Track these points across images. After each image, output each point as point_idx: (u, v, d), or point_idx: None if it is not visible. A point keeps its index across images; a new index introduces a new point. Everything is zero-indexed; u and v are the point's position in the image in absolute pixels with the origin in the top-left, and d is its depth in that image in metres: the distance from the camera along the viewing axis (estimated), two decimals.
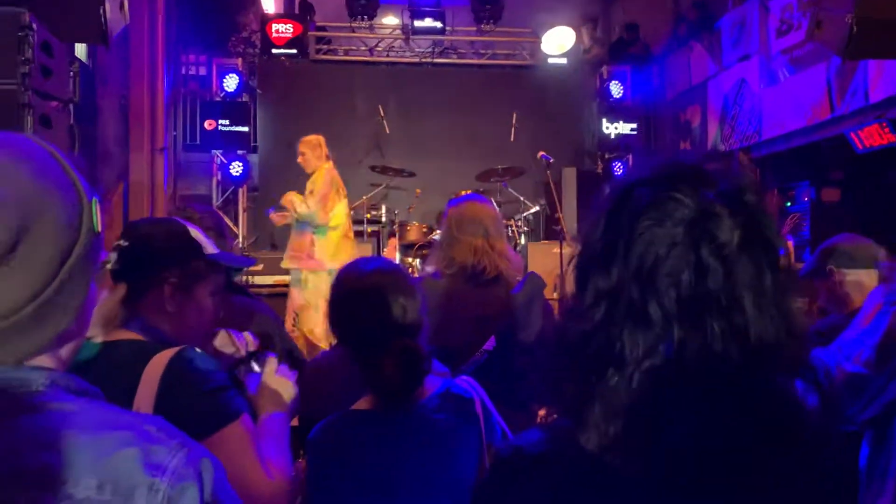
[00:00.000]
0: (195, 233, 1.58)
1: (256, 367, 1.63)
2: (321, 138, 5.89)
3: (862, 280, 2.50)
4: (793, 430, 0.77)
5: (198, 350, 1.44)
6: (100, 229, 0.82)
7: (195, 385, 1.36)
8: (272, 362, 1.63)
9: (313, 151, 5.79)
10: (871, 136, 5.76)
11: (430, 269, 2.67)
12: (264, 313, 2.23)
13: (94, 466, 0.73)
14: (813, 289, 2.74)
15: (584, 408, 0.78)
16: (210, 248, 1.59)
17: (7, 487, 0.71)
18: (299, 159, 5.94)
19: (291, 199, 5.62)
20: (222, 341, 1.74)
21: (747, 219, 0.76)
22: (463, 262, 2.52)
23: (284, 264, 5.73)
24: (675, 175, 0.80)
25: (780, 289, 0.77)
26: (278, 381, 1.61)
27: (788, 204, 7.52)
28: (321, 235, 5.66)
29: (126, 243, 1.49)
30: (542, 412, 2.15)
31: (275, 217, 5.79)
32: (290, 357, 2.19)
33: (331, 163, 5.87)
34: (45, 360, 0.79)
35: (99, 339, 1.42)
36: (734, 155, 7.70)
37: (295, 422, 2.06)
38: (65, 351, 0.83)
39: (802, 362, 0.80)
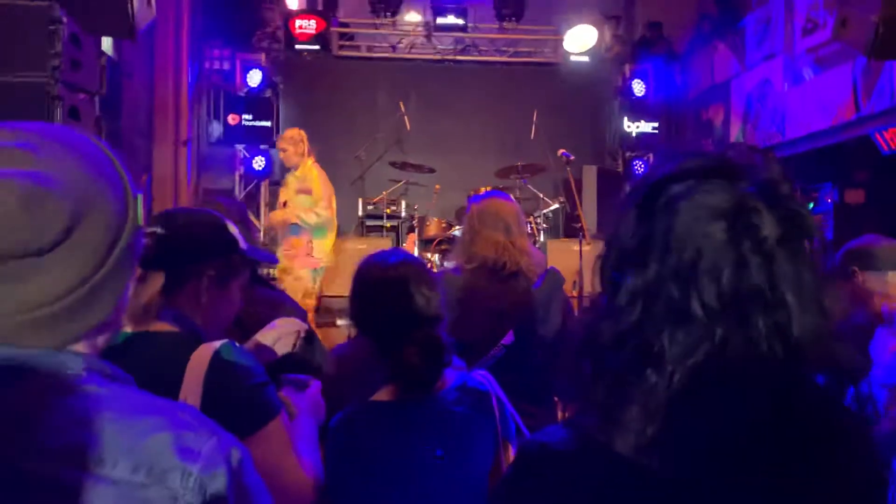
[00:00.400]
0: (231, 227, 1.59)
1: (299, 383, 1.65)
2: (303, 133, 5.72)
3: (887, 281, 2.49)
4: (833, 430, 0.75)
5: (237, 344, 1.44)
6: (142, 223, 0.85)
7: (241, 380, 1.36)
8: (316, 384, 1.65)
9: (295, 147, 5.58)
10: None
11: (450, 264, 2.68)
12: (289, 306, 2.23)
13: (130, 449, 0.75)
14: (836, 290, 2.73)
15: (619, 408, 0.76)
16: (242, 242, 1.60)
17: (51, 461, 0.73)
18: (280, 155, 5.77)
19: (299, 214, 5.45)
20: (282, 330, 1.74)
21: (786, 211, 0.74)
22: (484, 257, 2.53)
23: (281, 264, 5.49)
24: (705, 168, 0.78)
25: (818, 284, 0.75)
26: (316, 399, 1.64)
27: (811, 205, 7.45)
28: (320, 237, 5.59)
29: (164, 231, 1.47)
30: (566, 411, 2.16)
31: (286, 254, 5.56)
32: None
33: (313, 157, 5.69)
34: (82, 347, 0.82)
35: (131, 329, 1.41)
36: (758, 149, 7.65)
37: None
38: (101, 340, 0.85)
39: (842, 360, 0.78)
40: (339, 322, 6.18)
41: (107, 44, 6.21)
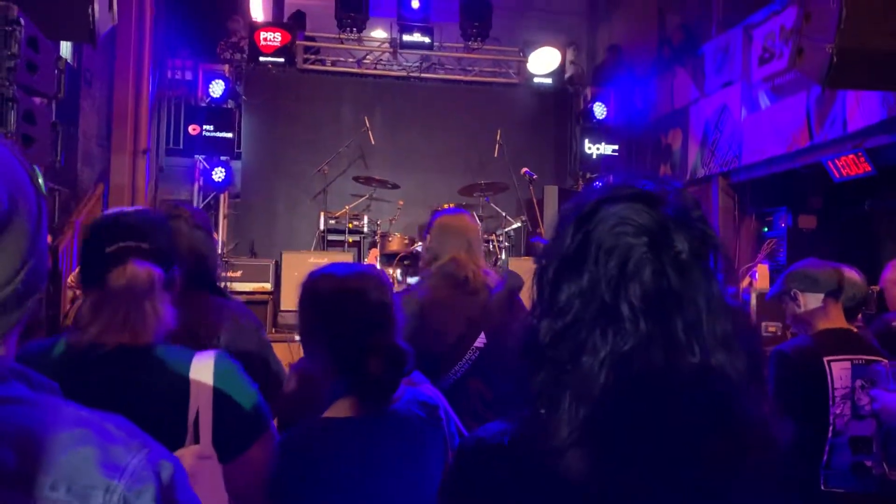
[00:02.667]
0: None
1: None
2: None
3: (823, 304, 2.57)
4: (747, 430, 0.83)
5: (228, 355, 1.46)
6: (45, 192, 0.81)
7: (247, 391, 1.40)
8: None
9: None
10: (847, 166, 5.88)
11: (413, 280, 2.73)
12: (244, 315, 2.17)
13: (51, 464, 0.70)
14: (781, 311, 2.81)
15: (554, 396, 0.85)
16: None
17: None
18: None
19: None
20: None
21: (696, 231, 0.87)
22: (449, 269, 2.60)
23: None
24: (633, 194, 0.90)
25: (721, 293, 0.87)
26: None
27: (766, 230, 7.63)
28: None
29: (146, 245, 1.40)
30: None
31: None
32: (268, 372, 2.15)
33: None
34: (2, 350, 0.75)
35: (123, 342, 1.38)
36: (712, 179, 7.82)
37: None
38: (14, 340, 0.79)
39: (751, 366, 0.87)
40: (298, 337, 6.11)
41: (66, 49, 6.10)
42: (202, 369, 1.37)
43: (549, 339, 0.87)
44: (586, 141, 9.40)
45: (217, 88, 8.38)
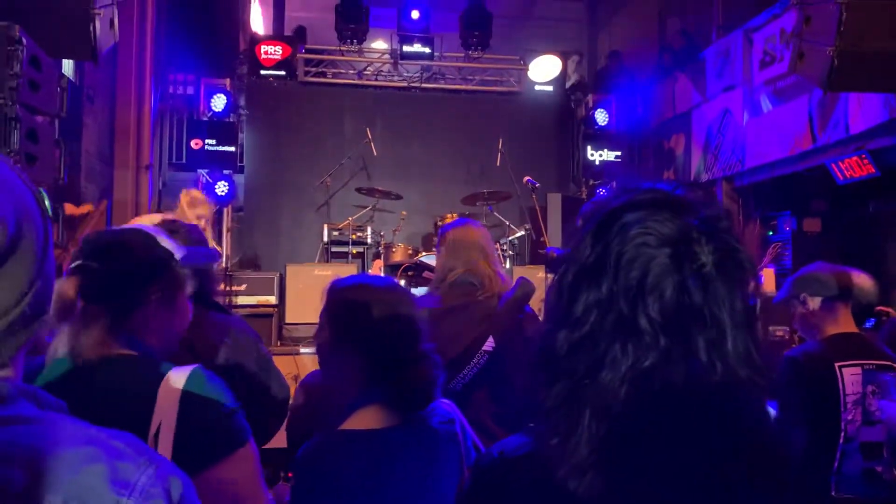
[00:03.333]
0: (162, 239, 1.53)
1: None
2: None
3: (832, 308, 2.55)
4: (766, 448, 0.81)
5: (206, 370, 1.43)
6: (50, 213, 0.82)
7: (215, 406, 1.36)
8: None
9: None
10: (851, 168, 5.86)
11: (421, 291, 2.76)
12: (243, 330, 2.17)
13: (60, 483, 0.70)
14: (789, 315, 2.79)
15: (573, 411, 0.82)
16: (177, 250, 1.55)
17: None
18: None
19: None
20: None
21: (721, 243, 0.82)
22: (462, 279, 2.66)
23: None
24: (656, 201, 0.86)
25: (748, 310, 0.83)
26: None
27: (770, 233, 7.61)
28: None
29: (96, 265, 1.41)
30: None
31: None
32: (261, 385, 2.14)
33: None
34: (10, 371, 0.76)
35: (87, 357, 1.39)
36: (716, 184, 7.80)
37: (283, 443, 2.03)
38: (22, 361, 0.79)
39: (769, 382, 0.84)
40: (303, 350, 6.10)
41: (68, 67, 6.12)
42: (173, 383, 1.35)
43: (566, 350, 0.84)
44: (589, 148, 9.40)
45: (219, 102, 8.40)
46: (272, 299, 7.09)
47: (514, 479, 0.87)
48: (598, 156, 9.40)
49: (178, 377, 1.36)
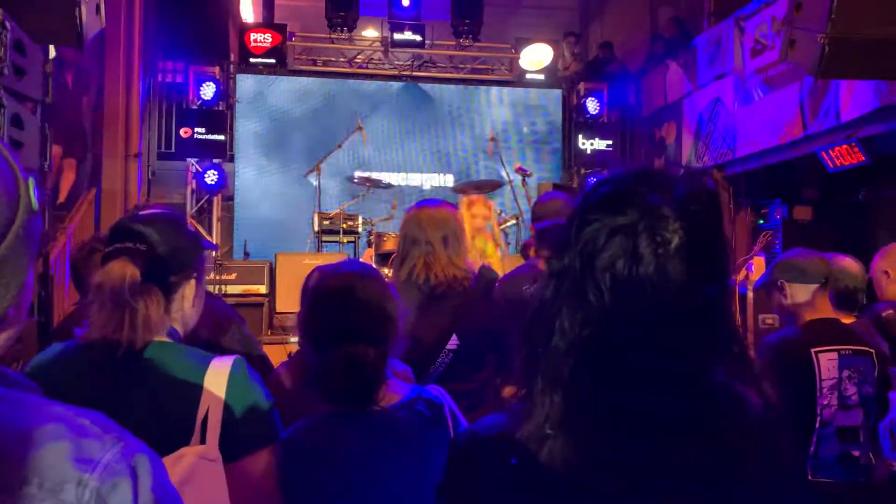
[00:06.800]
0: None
1: None
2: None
3: (812, 294, 2.55)
4: (717, 414, 0.82)
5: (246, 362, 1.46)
6: (37, 208, 0.79)
7: (259, 397, 1.40)
8: None
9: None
10: (841, 156, 5.87)
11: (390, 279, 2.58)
12: (224, 311, 2.22)
13: (23, 461, 0.69)
14: (769, 300, 2.80)
15: (531, 376, 0.85)
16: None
17: None
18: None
19: None
20: None
21: (691, 223, 0.82)
22: (412, 278, 2.46)
23: None
24: (637, 176, 0.87)
25: (718, 289, 0.83)
26: None
27: (761, 222, 7.63)
28: None
29: (144, 247, 1.41)
30: (508, 391, 2.14)
31: None
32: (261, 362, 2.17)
33: None
34: None
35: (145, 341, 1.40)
36: (708, 172, 7.81)
37: None
38: (1, 338, 0.78)
39: (736, 355, 0.85)
40: (294, 339, 6.08)
41: (55, 54, 6.05)
42: (219, 371, 1.38)
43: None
44: (580, 136, 9.38)
45: (208, 91, 8.34)
46: (262, 288, 7.07)
47: (486, 456, 0.89)
48: (590, 144, 9.39)
49: (223, 365, 1.39)
